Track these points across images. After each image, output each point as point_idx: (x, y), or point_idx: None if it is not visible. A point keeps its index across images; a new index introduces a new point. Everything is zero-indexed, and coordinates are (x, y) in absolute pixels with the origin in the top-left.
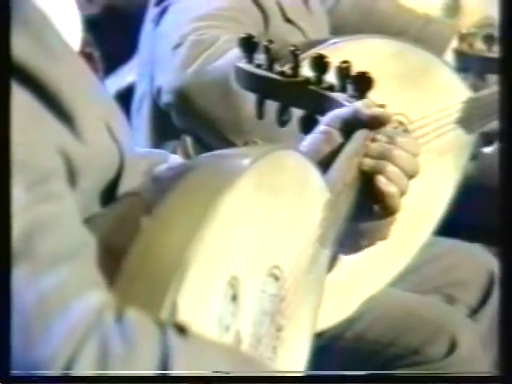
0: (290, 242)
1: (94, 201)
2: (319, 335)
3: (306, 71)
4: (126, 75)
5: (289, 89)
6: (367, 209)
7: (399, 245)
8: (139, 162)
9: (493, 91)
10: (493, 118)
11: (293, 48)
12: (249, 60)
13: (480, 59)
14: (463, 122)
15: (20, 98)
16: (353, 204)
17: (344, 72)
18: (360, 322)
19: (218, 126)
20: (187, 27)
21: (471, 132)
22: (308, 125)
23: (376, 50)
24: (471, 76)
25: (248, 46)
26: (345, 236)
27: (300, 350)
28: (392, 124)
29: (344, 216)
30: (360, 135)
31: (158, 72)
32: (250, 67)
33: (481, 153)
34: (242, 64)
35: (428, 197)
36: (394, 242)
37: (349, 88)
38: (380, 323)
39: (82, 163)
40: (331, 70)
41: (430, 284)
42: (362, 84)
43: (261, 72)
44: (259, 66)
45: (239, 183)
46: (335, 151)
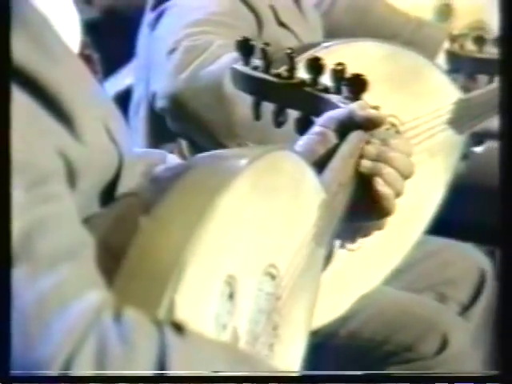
0: (287, 241)
1: (93, 201)
2: (314, 333)
3: (302, 73)
4: (125, 77)
5: (285, 90)
6: (362, 209)
7: (392, 244)
8: (137, 163)
9: (482, 92)
10: (483, 119)
11: (289, 51)
12: (245, 62)
13: (471, 60)
14: (454, 123)
15: (20, 100)
16: (348, 204)
17: (339, 74)
18: (354, 320)
19: (211, 130)
20: (181, 33)
21: (462, 132)
22: (303, 126)
23: (367, 53)
24: (462, 76)
25: (245, 49)
26: (340, 231)
27: (296, 348)
28: (384, 126)
29: (339, 216)
30: (355, 136)
31: (153, 77)
32: (247, 69)
33: (471, 152)
34: (239, 66)
35: (420, 196)
36: (387, 241)
37: (343, 90)
38: (374, 321)
39: (82, 164)
40: (326, 72)
41: (423, 282)
42: (357, 86)
43: (257, 74)
44: (256, 69)
45: (236, 183)
46: (330, 152)
